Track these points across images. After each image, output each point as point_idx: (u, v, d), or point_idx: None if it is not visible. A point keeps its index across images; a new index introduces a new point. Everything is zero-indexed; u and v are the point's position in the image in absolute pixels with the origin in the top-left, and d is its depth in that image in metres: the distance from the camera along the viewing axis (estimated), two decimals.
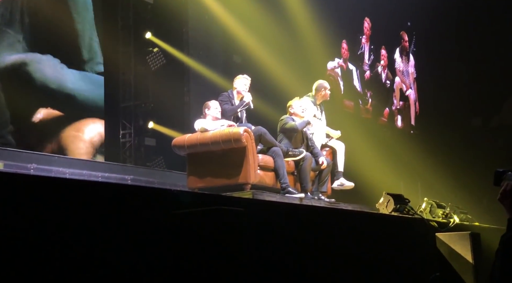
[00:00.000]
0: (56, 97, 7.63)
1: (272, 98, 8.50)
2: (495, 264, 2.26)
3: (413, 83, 13.67)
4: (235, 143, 5.94)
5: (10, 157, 6.43)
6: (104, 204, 3.09)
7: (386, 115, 12.50)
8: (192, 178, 6.22)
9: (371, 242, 5.23)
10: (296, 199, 5.98)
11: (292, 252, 4.29)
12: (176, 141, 6.31)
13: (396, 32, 13.28)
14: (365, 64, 12.13)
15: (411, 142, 12.19)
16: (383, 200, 6.50)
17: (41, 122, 7.39)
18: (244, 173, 5.94)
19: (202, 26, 9.44)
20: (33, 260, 2.71)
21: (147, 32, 9.00)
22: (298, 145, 6.71)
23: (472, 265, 5.86)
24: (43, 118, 7.41)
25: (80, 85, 7.94)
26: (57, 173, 6.74)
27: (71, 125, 7.74)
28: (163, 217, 3.30)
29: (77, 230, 2.92)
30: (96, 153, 7.97)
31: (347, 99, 11.37)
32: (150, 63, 9.09)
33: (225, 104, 6.53)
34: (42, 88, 7.46)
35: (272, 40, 9.51)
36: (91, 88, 8.10)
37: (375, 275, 5.15)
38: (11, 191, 2.72)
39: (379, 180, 9.56)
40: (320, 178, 6.82)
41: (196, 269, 3.15)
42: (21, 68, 7.25)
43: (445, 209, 7.21)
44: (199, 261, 3.15)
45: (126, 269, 3.10)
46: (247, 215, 3.31)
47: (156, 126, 8.84)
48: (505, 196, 2.33)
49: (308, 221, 4.64)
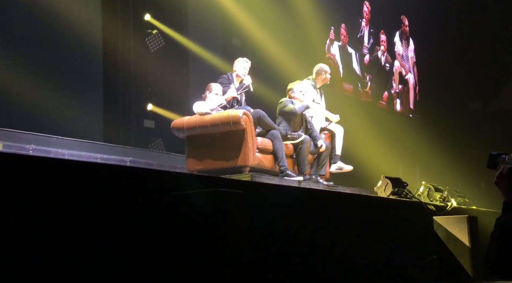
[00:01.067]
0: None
1: (271, 81, 8.49)
2: (490, 247, 2.28)
3: (412, 68, 13.64)
4: (234, 125, 5.95)
5: (9, 138, 6.43)
6: (103, 185, 3.10)
7: (385, 99, 12.49)
8: (191, 160, 6.23)
9: (369, 225, 5.26)
10: (294, 182, 6.01)
11: (290, 234, 4.31)
12: (175, 123, 6.32)
13: (396, 16, 13.22)
14: (365, 47, 12.10)
15: (410, 125, 12.20)
16: (381, 184, 6.53)
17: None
18: (243, 156, 5.96)
19: (201, 8, 9.40)
20: (32, 241, 2.73)
21: (146, 14, 8.95)
22: (297, 128, 6.72)
23: (469, 248, 5.90)
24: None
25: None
26: (56, 154, 6.74)
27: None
28: (162, 199, 3.32)
29: (76, 211, 2.93)
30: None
31: (346, 82, 11.35)
32: (149, 45, 9.04)
33: (225, 87, 6.54)
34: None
35: (272, 23, 9.47)
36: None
37: (372, 258, 5.18)
38: (11, 172, 2.72)
39: (378, 163, 9.59)
40: (319, 161, 6.84)
41: (195, 251, 3.17)
42: None
43: (443, 192, 7.25)
44: (198, 243, 3.17)
45: (124, 251, 3.12)
46: (246, 197, 3.33)
47: (155, 108, 8.82)
48: (501, 179, 2.35)
49: (306, 204, 4.66)
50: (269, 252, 4.08)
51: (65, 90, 7.51)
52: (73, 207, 2.92)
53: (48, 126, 7.10)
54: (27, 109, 6.94)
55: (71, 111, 7.46)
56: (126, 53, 8.82)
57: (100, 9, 8.38)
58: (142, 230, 3.21)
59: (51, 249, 2.78)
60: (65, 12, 7.52)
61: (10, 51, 6.98)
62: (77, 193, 2.96)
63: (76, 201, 2.94)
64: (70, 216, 2.90)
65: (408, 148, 11.50)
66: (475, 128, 12.77)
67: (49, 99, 7.15)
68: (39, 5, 7.24)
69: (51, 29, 7.55)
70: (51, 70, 7.53)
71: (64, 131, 7.20)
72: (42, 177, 2.84)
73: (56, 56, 7.73)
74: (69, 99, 7.49)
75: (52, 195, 2.84)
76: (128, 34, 8.91)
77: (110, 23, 8.47)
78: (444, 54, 13.28)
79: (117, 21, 8.78)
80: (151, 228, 3.25)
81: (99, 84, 8.40)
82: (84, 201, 2.98)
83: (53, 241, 2.80)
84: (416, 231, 5.98)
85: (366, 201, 5.74)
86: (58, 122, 7.24)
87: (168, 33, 9.00)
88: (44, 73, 7.34)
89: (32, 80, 7.03)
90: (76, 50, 7.94)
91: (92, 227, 2.98)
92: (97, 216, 3.01)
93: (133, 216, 3.19)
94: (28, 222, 2.73)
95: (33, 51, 7.36)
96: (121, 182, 3.22)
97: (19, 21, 7.20)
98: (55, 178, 2.88)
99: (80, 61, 8.03)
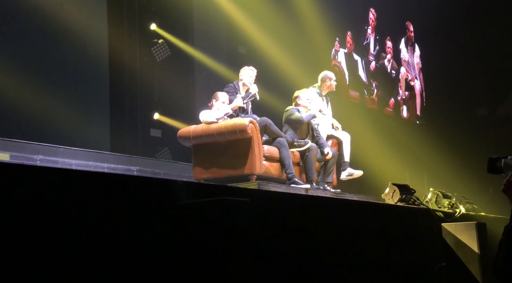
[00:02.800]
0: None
1: (277, 89, 8.49)
2: (498, 255, 2.26)
3: (418, 74, 13.62)
4: (241, 134, 5.95)
5: (17, 149, 6.46)
6: (110, 195, 3.10)
7: (392, 106, 12.47)
8: (198, 169, 6.23)
9: (377, 233, 5.24)
10: (301, 189, 5.99)
11: (297, 243, 4.30)
12: (181, 132, 6.33)
13: (402, 22, 13.22)
14: (371, 54, 12.09)
15: (417, 132, 12.17)
16: (389, 191, 6.50)
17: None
18: (250, 164, 5.96)
19: (206, 17, 9.43)
20: (41, 250, 2.73)
21: (152, 24, 8.99)
22: (303, 136, 6.71)
23: (478, 255, 5.86)
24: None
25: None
26: (64, 164, 6.76)
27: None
28: (168, 208, 3.32)
29: (83, 221, 2.93)
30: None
31: (352, 90, 11.34)
32: (155, 54, 9.09)
33: (231, 95, 6.54)
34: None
35: (277, 31, 9.49)
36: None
37: (381, 265, 5.16)
38: (19, 182, 2.73)
39: (385, 170, 9.56)
40: (326, 169, 6.82)
41: (202, 259, 3.17)
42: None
43: (451, 199, 7.21)
44: (204, 252, 3.17)
45: (130, 260, 3.11)
46: (253, 205, 3.32)
47: (161, 117, 8.84)
48: (509, 186, 2.32)
49: (314, 211, 4.65)
50: (276, 260, 4.07)
51: (72, 101, 7.54)
52: (81, 216, 2.92)
53: (55, 137, 7.13)
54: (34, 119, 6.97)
55: (78, 121, 7.49)
56: (132, 63, 8.86)
57: (106, 19, 8.42)
58: (149, 239, 3.21)
59: (60, 258, 2.79)
60: (71, 23, 7.56)
61: (17, 62, 7.02)
62: (84, 203, 2.96)
63: (83, 211, 2.94)
64: (77, 226, 2.90)
65: (415, 155, 11.46)
66: (482, 134, 12.71)
67: (56, 110, 7.18)
68: (46, 16, 7.28)
69: (58, 40, 7.60)
70: (58, 81, 7.58)
71: (71, 141, 7.22)
72: (50, 188, 2.84)
73: (62, 67, 7.77)
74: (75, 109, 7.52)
75: (60, 205, 2.85)
76: (134, 43, 8.95)
77: (116, 33, 8.51)
78: (450, 60, 13.24)
79: (123, 31, 8.82)
80: (158, 237, 3.24)
81: (106, 94, 8.43)
82: (92, 210, 2.98)
83: (62, 251, 2.81)
84: (424, 238, 5.95)
85: (374, 208, 5.71)
86: (65, 132, 7.27)
87: (174, 42, 9.04)
88: (51, 83, 7.38)
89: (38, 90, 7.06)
90: (82, 60, 7.98)
91: (100, 236, 2.98)
92: (104, 225, 3.01)
93: (140, 225, 3.19)
94: (36, 232, 2.73)
95: (40, 62, 7.40)
96: (128, 192, 3.23)
97: (26, 33, 7.24)
98: (62, 188, 2.89)
99: (86, 71, 8.07)
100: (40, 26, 7.34)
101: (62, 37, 7.56)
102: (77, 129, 7.45)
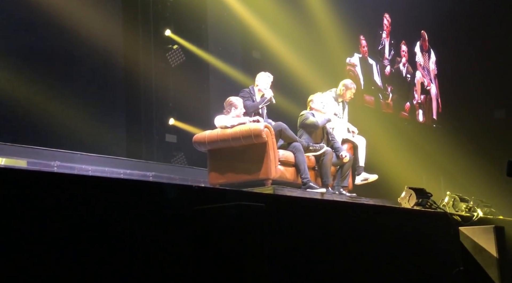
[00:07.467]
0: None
1: (292, 94, 8.49)
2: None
3: (434, 79, 13.54)
4: (256, 139, 5.95)
5: (34, 155, 6.51)
6: (126, 201, 3.11)
7: (407, 110, 12.41)
8: (213, 174, 6.24)
9: (394, 237, 5.21)
10: (317, 194, 5.98)
11: (313, 247, 4.28)
12: (196, 137, 6.34)
13: (417, 26, 13.16)
14: (385, 59, 12.05)
15: (433, 135, 12.10)
16: (405, 194, 6.47)
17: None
18: (265, 169, 5.95)
19: (221, 23, 9.46)
20: (57, 256, 2.74)
21: (167, 30, 9.03)
22: (318, 140, 6.70)
23: (497, 259, 5.80)
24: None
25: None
26: (80, 170, 6.81)
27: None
28: (184, 213, 3.32)
29: (100, 227, 2.94)
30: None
31: (367, 94, 11.31)
32: (170, 60, 9.12)
33: (246, 100, 6.55)
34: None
35: (291, 36, 9.50)
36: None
37: (398, 270, 5.12)
38: (36, 189, 2.75)
39: (401, 174, 9.51)
40: (341, 173, 6.80)
41: (218, 265, 3.16)
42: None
43: (469, 202, 7.14)
44: (221, 257, 3.16)
45: (147, 266, 3.12)
46: (268, 210, 3.32)
47: (176, 123, 8.87)
48: None
49: (330, 216, 4.63)
50: (293, 265, 4.05)
51: (88, 107, 7.59)
52: (98, 222, 2.94)
53: (72, 143, 7.17)
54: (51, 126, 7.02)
55: (94, 127, 7.53)
56: (147, 69, 8.90)
57: (121, 26, 8.48)
58: (165, 245, 3.21)
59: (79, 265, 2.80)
60: (87, 30, 7.62)
61: (34, 70, 7.08)
62: (101, 208, 2.97)
63: (100, 217, 2.95)
64: (95, 232, 2.91)
65: (431, 158, 11.40)
66: (500, 136, 12.60)
67: (73, 116, 7.24)
68: (62, 24, 7.34)
69: (73, 47, 7.65)
70: (74, 88, 7.63)
71: (88, 148, 7.27)
72: (67, 194, 2.86)
73: (78, 73, 7.83)
74: (91, 116, 7.57)
75: (76, 211, 2.86)
76: (149, 49, 8.99)
77: (131, 39, 8.56)
78: (466, 63, 13.16)
79: (138, 37, 8.87)
80: (174, 243, 3.25)
81: (121, 100, 8.48)
82: (108, 216, 2.99)
83: (81, 258, 2.82)
84: (442, 242, 5.90)
85: (390, 212, 5.68)
86: (81, 139, 7.31)
87: (189, 48, 9.07)
88: (67, 90, 7.44)
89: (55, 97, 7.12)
90: (97, 67, 8.03)
91: (116, 242, 2.99)
92: (121, 231, 3.02)
93: (156, 231, 3.20)
94: (55, 238, 2.75)
95: (56, 69, 7.45)
96: (144, 197, 3.23)
97: (42, 40, 7.30)
98: (79, 195, 2.90)
99: (101, 77, 8.12)
100: (56, 35, 7.39)
101: (78, 44, 7.61)
102: (94, 135, 7.49)
